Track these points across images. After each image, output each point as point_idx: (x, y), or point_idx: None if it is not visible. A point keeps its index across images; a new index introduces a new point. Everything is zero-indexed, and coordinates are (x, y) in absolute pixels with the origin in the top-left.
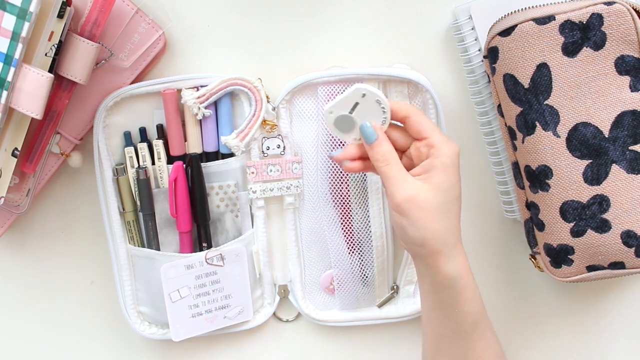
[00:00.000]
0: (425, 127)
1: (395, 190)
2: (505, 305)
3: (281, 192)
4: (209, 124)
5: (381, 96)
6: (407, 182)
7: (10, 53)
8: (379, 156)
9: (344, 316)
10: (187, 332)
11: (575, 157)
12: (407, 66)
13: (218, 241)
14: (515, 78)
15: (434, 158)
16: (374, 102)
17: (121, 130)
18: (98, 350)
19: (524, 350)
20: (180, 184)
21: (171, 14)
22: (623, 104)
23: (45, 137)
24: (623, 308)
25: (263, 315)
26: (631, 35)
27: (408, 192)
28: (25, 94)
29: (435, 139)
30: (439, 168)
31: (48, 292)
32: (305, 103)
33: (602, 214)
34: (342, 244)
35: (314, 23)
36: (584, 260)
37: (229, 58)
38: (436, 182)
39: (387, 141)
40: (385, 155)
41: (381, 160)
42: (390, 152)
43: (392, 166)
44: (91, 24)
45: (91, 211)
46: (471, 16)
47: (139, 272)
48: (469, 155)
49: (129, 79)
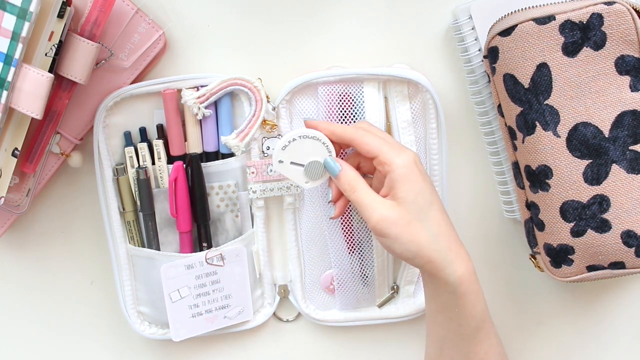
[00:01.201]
0: (372, 147)
1: (368, 215)
2: (505, 305)
3: (281, 192)
4: (209, 124)
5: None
6: (377, 203)
7: (10, 53)
8: (346, 185)
9: (344, 316)
10: (187, 332)
11: (575, 157)
12: (407, 66)
13: (218, 241)
14: (516, 78)
15: (390, 173)
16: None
17: (121, 130)
18: (98, 350)
19: (524, 350)
20: (181, 184)
21: (171, 14)
22: (623, 104)
23: (45, 137)
24: (623, 308)
25: (263, 315)
26: (631, 35)
27: (379, 213)
28: (25, 94)
29: (384, 156)
30: (398, 181)
31: (48, 292)
32: (305, 103)
33: (602, 213)
34: (342, 244)
35: (314, 23)
36: (584, 260)
37: (229, 58)
38: (401, 195)
39: (350, 169)
40: (352, 183)
41: (348, 189)
42: (355, 178)
43: (359, 192)
44: (91, 24)
45: (91, 211)
46: (471, 16)
47: (139, 272)
48: (469, 155)
49: (129, 79)
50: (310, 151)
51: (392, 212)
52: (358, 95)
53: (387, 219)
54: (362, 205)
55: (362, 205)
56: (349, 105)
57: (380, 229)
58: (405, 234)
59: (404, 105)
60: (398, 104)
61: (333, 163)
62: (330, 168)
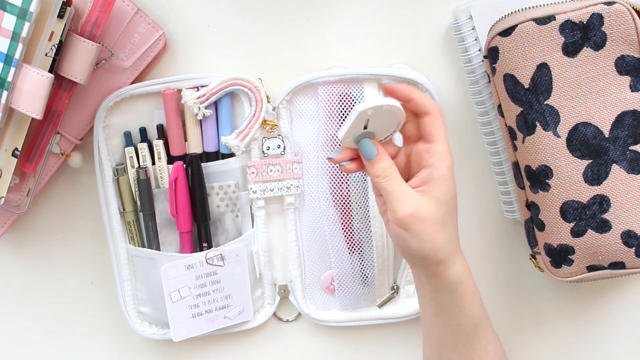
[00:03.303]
0: (437, 132)
1: (397, 205)
2: (505, 305)
3: (281, 192)
4: (209, 124)
5: (386, 102)
6: (408, 197)
7: (10, 53)
8: (380, 172)
9: (344, 316)
10: (187, 332)
11: (575, 157)
12: (407, 66)
13: (218, 241)
14: (516, 78)
15: (434, 169)
16: (382, 111)
17: (121, 130)
18: (98, 350)
19: (524, 350)
20: (181, 184)
21: (171, 14)
22: (623, 104)
23: (45, 137)
24: (623, 308)
25: (263, 316)
26: (631, 35)
27: (410, 207)
28: (25, 94)
29: (441, 148)
30: (439, 180)
31: (48, 292)
32: (305, 103)
33: (602, 214)
34: (342, 244)
35: (314, 23)
36: (584, 260)
37: (229, 58)
38: (437, 195)
39: (386, 156)
40: (386, 172)
41: (382, 176)
42: (391, 167)
43: (393, 182)
44: (91, 24)
45: (91, 211)
46: (471, 16)
47: (139, 272)
48: (469, 155)
49: (129, 79)
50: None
51: (424, 208)
52: (358, 95)
53: (417, 214)
54: (394, 195)
55: (393, 195)
56: (349, 105)
57: (407, 222)
58: (427, 233)
59: None
60: None
61: (370, 146)
62: (366, 150)
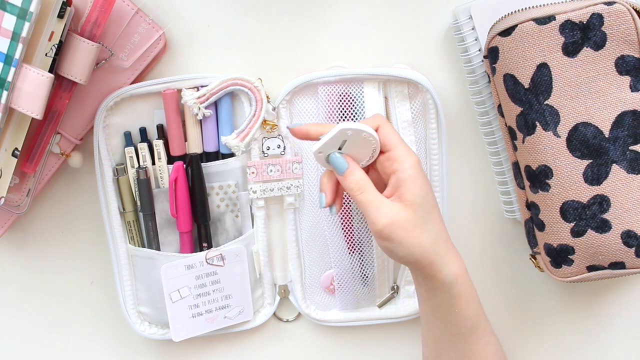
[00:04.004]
0: (390, 139)
1: (375, 217)
2: (505, 305)
3: (281, 192)
4: (209, 124)
5: (366, 129)
6: (385, 207)
7: (10, 53)
8: (353, 185)
9: (344, 316)
10: (187, 332)
11: (575, 157)
12: (407, 66)
13: (218, 241)
14: (516, 78)
15: (399, 173)
16: (361, 137)
17: (121, 130)
18: (98, 350)
19: (524, 350)
20: (181, 184)
21: (171, 14)
22: (623, 104)
23: (45, 137)
24: (623, 308)
25: (263, 316)
26: (631, 35)
27: (388, 215)
28: (25, 94)
29: (399, 152)
30: (407, 182)
31: (48, 292)
32: (305, 103)
33: (602, 214)
34: (342, 244)
35: (314, 23)
36: (584, 260)
37: (229, 58)
38: (409, 198)
39: (358, 168)
40: (360, 183)
41: (355, 188)
42: (363, 178)
43: (368, 194)
44: (91, 24)
45: (91, 211)
46: (471, 16)
47: (139, 272)
48: (469, 155)
49: (129, 79)
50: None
51: (401, 216)
52: (358, 95)
53: (394, 222)
54: (370, 206)
55: (369, 206)
56: (349, 105)
57: (387, 232)
58: (409, 238)
59: (404, 105)
60: (398, 104)
61: (340, 159)
62: (337, 164)
